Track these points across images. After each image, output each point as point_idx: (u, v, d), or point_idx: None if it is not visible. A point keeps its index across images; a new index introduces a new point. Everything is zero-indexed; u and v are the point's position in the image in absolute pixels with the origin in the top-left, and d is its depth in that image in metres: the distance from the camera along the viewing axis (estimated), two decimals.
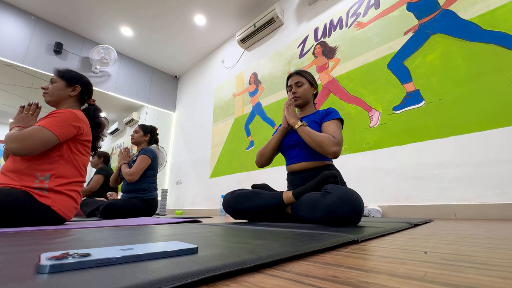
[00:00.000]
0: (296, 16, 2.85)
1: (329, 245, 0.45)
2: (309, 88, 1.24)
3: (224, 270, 0.26)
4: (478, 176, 1.43)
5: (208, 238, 0.54)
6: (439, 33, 1.74)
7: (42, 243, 0.49)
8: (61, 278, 0.22)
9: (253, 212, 1.12)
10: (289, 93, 1.27)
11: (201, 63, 4.31)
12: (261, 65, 3.11)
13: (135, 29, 3.58)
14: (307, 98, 1.24)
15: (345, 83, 2.20)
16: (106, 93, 3.78)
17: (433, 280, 0.25)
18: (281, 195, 1.05)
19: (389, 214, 1.70)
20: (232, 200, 1.18)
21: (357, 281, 0.25)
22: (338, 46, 2.34)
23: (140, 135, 2.16)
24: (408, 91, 1.81)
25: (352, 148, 2.01)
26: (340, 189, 0.87)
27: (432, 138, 1.63)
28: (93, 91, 1.32)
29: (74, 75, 1.23)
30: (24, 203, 0.95)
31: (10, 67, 3.04)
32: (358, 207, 0.84)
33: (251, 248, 0.39)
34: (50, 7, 3.19)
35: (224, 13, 3.30)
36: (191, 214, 3.35)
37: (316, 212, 0.88)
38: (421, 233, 0.70)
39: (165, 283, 0.21)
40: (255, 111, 3.02)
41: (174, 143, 4.48)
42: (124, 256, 0.28)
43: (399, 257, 0.38)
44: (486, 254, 0.39)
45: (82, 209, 2.19)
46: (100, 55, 3.61)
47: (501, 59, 1.46)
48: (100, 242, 0.50)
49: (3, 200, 0.90)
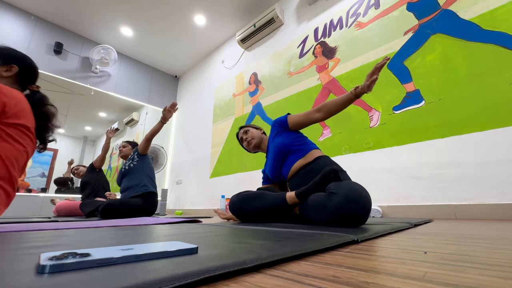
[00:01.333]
0: (296, 16, 2.85)
1: (329, 245, 0.45)
2: (255, 131, 1.47)
3: (224, 270, 0.26)
4: (478, 176, 1.43)
5: (208, 238, 0.54)
6: (439, 33, 1.74)
7: (41, 243, 0.49)
8: (61, 278, 0.22)
9: (258, 213, 1.12)
10: (245, 143, 1.46)
11: (201, 63, 4.31)
12: (261, 65, 3.11)
13: (135, 29, 3.58)
14: (258, 137, 1.44)
15: (345, 83, 2.20)
16: (106, 93, 3.78)
17: (433, 280, 0.25)
18: (284, 196, 1.05)
19: (389, 214, 1.70)
20: (238, 201, 1.19)
21: (357, 281, 0.25)
22: (338, 46, 2.34)
23: (128, 149, 2.41)
24: (408, 91, 1.81)
25: (352, 148, 2.02)
26: (344, 188, 0.86)
27: (432, 138, 1.63)
28: (38, 77, 1.09)
29: (13, 53, 1.02)
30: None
31: None
32: (366, 205, 0.84)
33: (251, 248, 0.39)
34: (50, 7, 3.19)
35: (224, 13, 3.30)
36: (191, 214, 3.35)
37: (323, 214, 0.88)
38: (421, 233, 0.70)
39: (165, 283, 0.21)
40: (255, 111, 3.02)
41: (174, 143, 4.48)
42: (124, 256, 0.28)
43: (399, 257, 0.38)
44: (486, 254, 0.39)
45: (81, 209, 2.20)
46: (100, 55, 3.61)
47: (501, 59, 1.46)
48: (100, 242, 0.50)
49: None
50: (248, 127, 1.50)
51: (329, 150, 2.14)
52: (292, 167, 1.19)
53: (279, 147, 1.23)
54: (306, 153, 1.19)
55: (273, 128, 1.33)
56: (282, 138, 1.25)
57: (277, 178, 1.31)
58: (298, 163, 1.18)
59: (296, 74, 2.65)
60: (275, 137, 1.29)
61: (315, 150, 1.21)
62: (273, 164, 1.27)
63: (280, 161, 1.25)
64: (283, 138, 1.25)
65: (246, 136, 1.45)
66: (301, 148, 1.20)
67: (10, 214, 2.75)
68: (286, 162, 1.23)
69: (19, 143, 0.87)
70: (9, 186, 0.85)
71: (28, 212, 2.95)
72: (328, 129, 2.21)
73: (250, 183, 2.75)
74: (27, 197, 3.05)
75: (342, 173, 1.10)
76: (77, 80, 3.51)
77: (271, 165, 1.28)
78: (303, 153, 1.19)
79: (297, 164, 1.18)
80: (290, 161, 1.21)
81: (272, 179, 1.33)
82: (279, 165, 1.26)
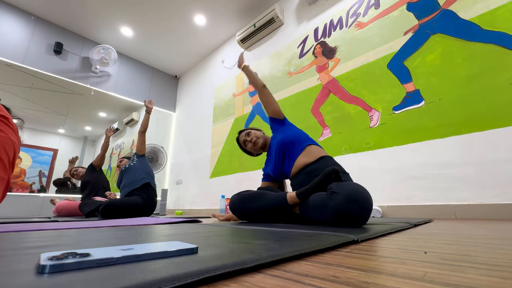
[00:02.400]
0: (296, 16, 2.85)
1: (329, 245, 0.45)
2: (258, 131, 1.45)
3: (224, 270, 0.26)
4: (478, 176, 1.43)
5: (208, 238, 0.54)
6: (439, 33, 1.74)
7: (41, 243, 0.49)
8: (61, 278, 0.22)
9: (258, 213, 1.12)
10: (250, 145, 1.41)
11: (201, 63, 4.31)
12: (261, 65, 3.11)
13: (135, 29, 3.58)
14: (262, 136, 1.43)
15: (345, 83, 2.20)
16: (106, 93, 3.78)
17: (433, 280, 0.25)
18: (285, 196, 1.05)
19: (389, 214, 1.70)
20: (238, 201, 1.19)
21: (357, 281, 0.25)
22: (338, 46, 2.34)
23: (126, 161, 2.50)
24: (408, 91, 1.81)
25: (352, 148, 2.02)
26: (346, 188, 0.86)
27: (432, 138, 1.63)
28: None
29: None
30: None
31: (10, 67, 3.04)
32: (367, 205, 0.84)
33: (251, 248, 0.39)
34: (50, 7, 3.19)
35: (224, 13, 3.30)
36: (191, 214, 3.35)
37: (324, 214, 0.87)
38: (421, 233, 0.70)
39: (165, 283, 0.21)
40: (255, 111, 3.02)
41: (174, 143, 4.48)
42: (124, 256, 0.28)
43: (399, 257, 0.38)
44: (486, 254, 0.39)
45: (81, 209, 2.20)
46: (100, 55, 3.61)
47: (501, 59, 1.46)
48: (100, 242, 0.50)
49: None
50: (248, 129, 1.48)
51: (329, 150, 2.14)
52: (295, 165, 1.19)
53: (280, 142, 1.26)
54: (304, 146, 1.21)
55: (272, 127, 1.39)
56: (280, 133, 1.30)
57: (280, 176, 1.30)
58: (301, 161, 1.18)
59: (296, 74, 2.65)
60: (275, 134, 1.34)
61: (316, 147, 1.22)
62: (276, 161, 1.27)
63: (282, 156, 1.25)
64: (281, 133, 1.30)
65: (250, 137, 1.41)
66: (300, 140, 1.23)
67: (10, 214, 2.75)
68: (287, 157, 1.24)
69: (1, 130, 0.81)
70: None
71: (28, 212, 2.95)
72: (328, 129, 2.21)
73: (250, 183, 2.75)
74: (27, 197, 3.05)
75: (345, 174, 1.10)
76: (77, 80, 3.51)
77: (274, 162, 1.28)
78: (302, 146, 1.21)
79: (300, 162, 1.18)
80: (292, 156, 1.21)
81: (275, 177, 1.32)
82: (281, 161, 1.26)
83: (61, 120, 3.67)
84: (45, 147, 3.48)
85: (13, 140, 0.85)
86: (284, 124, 1.35)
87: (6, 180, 0.84)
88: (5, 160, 0.81)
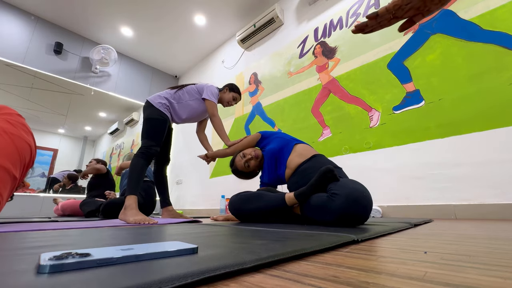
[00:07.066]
0: (296, 16, 2.85)
1: (329, 245, 0.45)
2: (247, 149, 1.44)
3: (224, 270, 0.26)
4: (478, 176, 1.43)
5: (208, 238, 0.54)
6: (439, 33, 1.74)
7: (41, 243, 0.49)
8: (61, 278, 0.22)
9: (258, 214, 1.12)
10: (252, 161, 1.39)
11: (201, 63, 4.31)
12: (261, 65, 3.11)
13: (135, 29, 3.58)
14: (254, 149, 1.43)
15: (345, 83, 2.20)
16: (106, 93, 3.78)
17: (433, 280, 0.25)
18: (283, 196, 1.06)
19: (389, 214, 1.70)
20: (237, 202, 1.19)
21: (357, 281, 0.25)
22: (338, 46, 2.34)
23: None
24: (408, 91, 1.81)
25: (352, 148, 2.01)
26: (346, 188, 0.87)
27: (432, 138, 1.63)
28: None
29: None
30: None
31: (10, 67, 3.04)
32: (368, 205, 0.86)
33: (251, 248, 0.39)
34: (50, 7, 3.19)
35: (224, 13, 3.30)
36: (191, 214, 3.35)
37: (326, 215, 0.89)
38: (421, 233, 0.70)
39: (165, 283, 0.21)
40: (255, 111, 3.02)
41: (174, 143, 4.47)
42: (124, 256, 0.28)
43: (399, 257, 0.38)
44: (486, 254, 0.39)
45: (81, 208, 2.20)
46: (100, 55, 3.61)
47: (501, 59, 1.46)
48: (100, 242, 0.50)
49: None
50: (236, 155, 1.47)
51: (329, 150, 2.14)
52: (288, 166, 1.21)
53: (269, 151, 1.32)
54: (292, 147, 1.25)
55: (259, 146, 1.46)
56: (268, 145, 1.37)
57: (276, 181, 1.33)
58: (293, 161, 1.20)
59: (296, 74, 2.65)
60: (265, 147, 1.39)
61: (304, 145, 1.27)
62: (269, 168, 1.31)
63: (274, 162, 1.30)
64: (269, 144, 1.36)
65: (248, 156, 1.37)
66: (286, 143, 1.29)
67: (10, 214, 2.75)
68: (279, 162, 1.28)
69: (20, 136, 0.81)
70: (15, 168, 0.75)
71: (28, 212, 2.94)
72: (328, 129, 2.21)
73: (250, 183, 2.74)
74: (27, 197, 3.04)
75: (338, 170, 1.12)
76: (77, 80, 3.51)
77: (268, 170, 1.32)
78: (290, 147, 1.25)
79: (293, 163, 1.20)
80: (283, 159, 1.25)
81: (272, 183, 1.35)
82: (273, 167, 1.30)
83: (61, 120, 3.67)
84: (45, 147, 3.48)
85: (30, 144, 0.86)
86: (267, 138, 1.41)
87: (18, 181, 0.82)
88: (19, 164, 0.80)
